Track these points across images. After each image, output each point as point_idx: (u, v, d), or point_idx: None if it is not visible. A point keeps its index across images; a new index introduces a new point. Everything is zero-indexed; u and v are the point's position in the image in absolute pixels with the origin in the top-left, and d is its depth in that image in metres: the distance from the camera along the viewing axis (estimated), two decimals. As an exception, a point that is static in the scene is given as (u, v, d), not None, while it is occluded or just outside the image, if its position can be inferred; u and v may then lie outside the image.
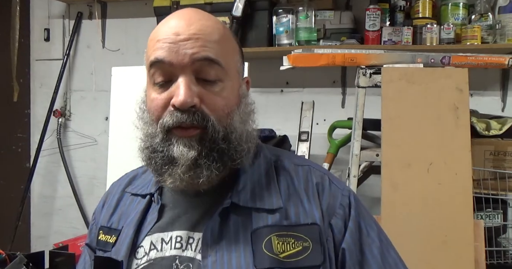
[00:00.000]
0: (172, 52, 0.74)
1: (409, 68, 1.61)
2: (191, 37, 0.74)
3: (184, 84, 0.73)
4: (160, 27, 0.78)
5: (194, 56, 0.73)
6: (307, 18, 2.13)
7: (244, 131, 0.78)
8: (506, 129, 1.71)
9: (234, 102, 0.78)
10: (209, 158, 0.74)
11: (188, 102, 0.72)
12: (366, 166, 1.94)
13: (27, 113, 2.93)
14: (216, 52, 0.75)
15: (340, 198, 0.80)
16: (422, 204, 1.48)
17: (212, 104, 0.75)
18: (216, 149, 0.74)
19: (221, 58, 0.76)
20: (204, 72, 0.74)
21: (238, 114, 0.78)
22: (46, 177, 2.90)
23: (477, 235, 1.46)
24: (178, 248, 0.77)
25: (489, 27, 1.99)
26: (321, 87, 2.41)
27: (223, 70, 0.76)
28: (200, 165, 0.74)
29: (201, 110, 0.74)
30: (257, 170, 0.82)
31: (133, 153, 0.85)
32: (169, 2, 2.30)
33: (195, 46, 0.73)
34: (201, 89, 0.75)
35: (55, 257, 0.67)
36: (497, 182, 1.66)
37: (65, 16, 2.82)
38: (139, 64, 2.54)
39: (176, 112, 0.74)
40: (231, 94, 0.78)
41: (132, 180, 0.93)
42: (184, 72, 0.74)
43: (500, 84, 2.21)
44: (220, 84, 0.76)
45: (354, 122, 1.69)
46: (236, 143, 0.76)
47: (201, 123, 0.73)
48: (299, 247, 0.74)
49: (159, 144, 0.76)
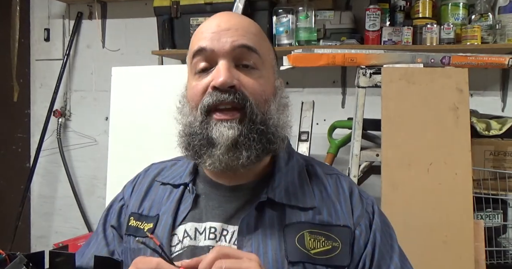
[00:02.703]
0: (214, 40, 0.78)
1: (409, 68, 1.61)
2: (231, 27, 0.79)
3: (224, 66, 0.77)
4: (203, 23, 0.83)
5: (234, 43, 0.78)
6: (307, 18, 2.13)
7: (280, 120, 0.81)
8: (506, 129, 1.71)
9: (270, 91, 0.81)
10: (249, 138, 0.76)
11: (228, 82, 0.75)
12: (366, 166, 1.94)
13: (27, 113, 2.93)
14: (254, 42, 0.80)
15: (365, 206, 0.84)
16: (422, 204, 1.48)
17: (251, 87, 0.78)
18: (255, 130, 0.77)
19: (259, 48, 0.80)
20: (244, 58, 0.79)
21: (275, 103, 0.81)
22: (46, 177, 2.90)
23: (477, 235, 1.46)
24: (212, 239, 0.79)
25: (489, 27, 1.99)
26: (321, 87, 2.41)
27: (261, 59, 0.80)
28: (239, 146, 0.76)
29: (240, 91, 0.77)
30: (291, 171, 0.85)
31: (133, 153, 0.86)
32: (169, 2, 2.30)
33: (235, 35, 0.78)
34: (240, 74, 0.79)
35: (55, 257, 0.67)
36: (497, 182, 1.66)
37: (65, 16, 2.82)
38: (139, 64, 2.55)
39: (216, 92, 0.77)
40: (268, 83, 0.81)
41: (161, 171, 0.95)
42: (224, 58, 0.78)
43: (500, 84, 2.21)
44: (258, 72, 0.80)
45: (354, 122, 1.69)
46: (274, 129, 0.79)
47: (241, 102, 0.76)
48: (329, 246, 0.77)
49: (198, 127, 0.78)
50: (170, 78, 1.81)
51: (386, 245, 0.82)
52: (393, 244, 0.84)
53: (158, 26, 2.39)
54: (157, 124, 1.76)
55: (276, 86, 0.84)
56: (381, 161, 1.54)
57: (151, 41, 2.53)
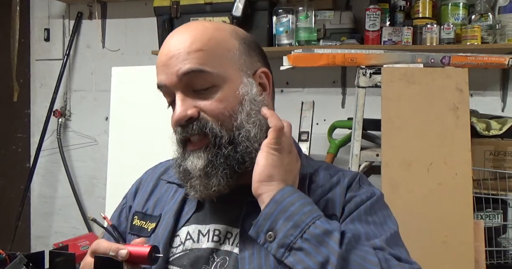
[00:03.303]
0: (163, 74, 0.78)
1: (409, 68, 1.61)
2: (173, 55, 0.76)
3: (178, 100, 0.77)
4: (159, 51, 0.81)
5: (178, 72, 0.76)
6: (307, 18, 2.13)
7: (253, 130, 0.77)
8: (506, 129, 1.71)
9: (235, 102, 0.77)
10: (214, 166, 0.76)
11: (183, 116, 0.76)
12: (366, 166, 1.94)
13: (27, 113, 2.93)
14: (199, 60, 0.76)
15: (361, 194, 0.81)
16: (422, 204, 1.48)
17: (210, 110, 0.76)
18: (220, 155, 0.76)
19: (208, 64, 0.76)
20: (194, 83, 0.76)
21: (243, 113, 0.77)
22: (46, 177, 2.90)
23: (477, 235, 1.46)
24: (216, 242, 0.79)
25: (489, 27, 1.99)
26: (321, 87, 2.41)
27: (213, 75, 0.76)
28: (208, 174, 0.76)
29: (200, 119, 0.76)
30: None
31: (133, 153, 0.86)
32: (169, 2, 2.30)
33: (177, 63, 0.76)
34: (197, 99, 0.77)
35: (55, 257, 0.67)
36: (497, 182, 1.66)
37: (65, 16, 2.82)
38: (139, 64, 2.54)
39: (178, 128, 0.78)
40: (230, 95, 0.77)
41: (167, 169, 0.95)
42: (177, 89, 0.77)
43: (500, 84, 2.21)
44: (215, 89, 0.77)
45: (354, 122, 1.69)
46: (245, 144, 0.77)
47: (201, 130, 0.76)
48: None
49: (180, 159, 0.80)
50: (170, 78, 1.81)
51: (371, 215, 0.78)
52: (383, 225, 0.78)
53: (158, 26, 2.39)
54: (157, 124, 1.76)
55: (242, 93, 0.78)
56: (381, 161, 1.54)
57: (151, 41, 2.53)
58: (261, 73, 0.83)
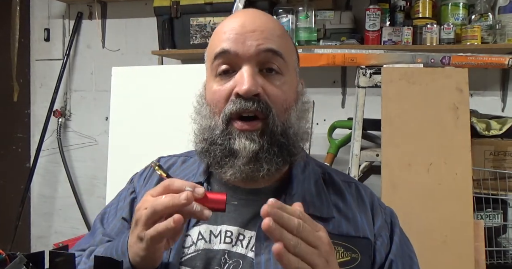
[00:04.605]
0: (239, 43, 0.75)
1: (409, 68, 1.61)
2: (256, 29, 0.76)
3: (248, 73, 0.74)
4: (226, 21, 0.80)
5: (260, 47, 0.75)
6: (307, 18, 2.13)
7: (300, 128, 0.79)
8: (506, 129, 1.71)
9: (292, 98, 0.79)
10: (269, 152, 0.75)
11: (252, 90, 0.73)
12: (366, 166, 1.94)
13: (27, 113, 2.93)
14: (279, 45, 0.77)
15: (385, 216, 0.84)
16: (422, 204, 1.48)
17: (274, 95, 0.76)
18: (276, 143, 0.75)
19: (284, 52, 0.78)
20: (268, 63, 0.76)
21: (295, 110, 0.79)
22: (46, 177, 2.90)
23: (477, 235, 1.46)
24: (228, 243, 0.77)
25: (489, 27, 1.99)
26: (321, 87, 2.41)
27: (285, 63, 0.78)
28: (260, 159, 0.74)
29: (264, 100, 0.75)
30: (307, 179, 0.83)
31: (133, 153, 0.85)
32: (169, 2, 2.31)
33: (260, 38, 0.75)
34: (264, 80, 0.76)
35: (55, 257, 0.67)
36: (497, 182, 1.66)
37: (65, 16, 2.82)
38: (139, 64, 2.55)
39: (239, 99, 0.74)
40: (290, 89, 0.79)
41: (171, 166, 0.92)
42: (248, 62, 0.75)
43: (500, 84, 2.21)
44: (281, 78, 0.78)
45: (354, 122, 1.69)
46: (294, 139, 0.78)
47: (264, 112, 0.74)
48: (348, 257, 0.76)
49: (219, 137, 0.76)
50: (170, 78, 1.81)
51: (405, 257, 0.82)
52: (411, 255, 0.83)
53: (158, 26, 2.39)
54: (157, 124, 1.76)
55: (297, 91, 0.82)
56: (381, 161, 1.54)
57: (151, 41, 2.54)
58: (301, 83, 0.86)
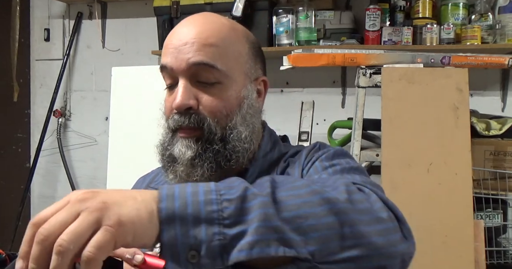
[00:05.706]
0: (173, 58, 0.78)
1: (409, 68, 1.61)
2: (187, 42, 0.77)
3: (181, 87, 0.77)
4: (171, 32, 0.82)
5: (189, 61, 0.76)
6: (307, 18, 2.13)
7: (245, 132, 0.80)
8: (506, 129, 1.71)
9: (234, 103, 0.80)
10: (202, 158, 0.77)
11: (184, 104, 0.76)
12: (366, 166, 1.93)
13: (27, 113, 2.93)
14: (213, 56, 0.77)
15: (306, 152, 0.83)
16: (422, 204, 1.48)
17: (209, 105, 0.78)
18: (210, 150, 0.78)
19: (219, 61, 0.78)
20: (201, 75, 0.78)
21: (240, 115, 0.80)
22: (46, 177, 2.90)
23: (477, 235, 1.47)
24: None
25: (489, 27, 1.99)
26: (321, 87, 2.41)
27: (221, 72, 0.78)
28: (195, 165, 0.78)
29: (198, 112, 0.77)
30: (267, 161, 0.86)
31: (133, 153, 0.86)
32: (169, 2, 2.31)
33: (190, 51, 0.77)
34: (199, 91, 0.78)
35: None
36: (497, 182, 1.66)
37: (65, 16, 2.82)
38: (139, 64, 2.55)
39: (175, 115, 0.79)
40: (232, 95, 0.80)
41: (156, 177, 0.97)
42: (183, 76, 0.78)
43: (500, 84, 2.21)
44: (219, 86, 0.78)
45: (354, 122, 1.69)
46: (235, 144, 0.79)
47: (198, 125, 0.77)
48: None
49: (168, 143, 0.82)
50: (170, 78, 1.81)
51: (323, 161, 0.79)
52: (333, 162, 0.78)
53: (158, 26, 2.39)
54: (157, 124, 1.76)
55: (243, 96, 0.81)
56: (381, 161, 1.54)
57: (151, 41, 2.54)
58: (261, 81, 0.86)
